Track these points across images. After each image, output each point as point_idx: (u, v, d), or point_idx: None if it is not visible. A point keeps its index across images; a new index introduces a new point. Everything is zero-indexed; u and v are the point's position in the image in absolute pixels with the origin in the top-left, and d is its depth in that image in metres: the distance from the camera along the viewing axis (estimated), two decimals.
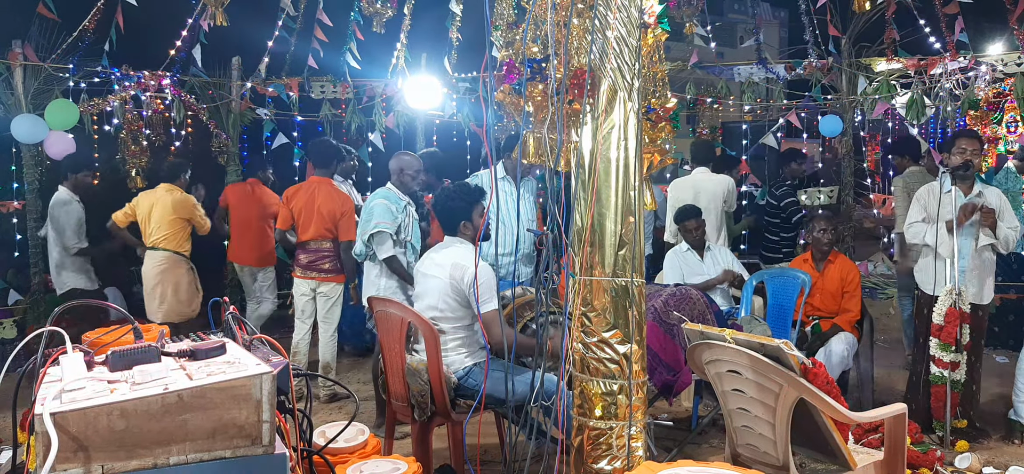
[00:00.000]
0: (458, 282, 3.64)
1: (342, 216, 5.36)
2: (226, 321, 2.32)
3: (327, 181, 5.49)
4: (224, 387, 1.72)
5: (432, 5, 7.82)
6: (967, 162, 4.40)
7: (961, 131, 4.95)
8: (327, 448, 2.70)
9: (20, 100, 6.43)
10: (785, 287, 5.15)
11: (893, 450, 3.09)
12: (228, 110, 7.50)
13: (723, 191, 6.24)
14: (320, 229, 5.36)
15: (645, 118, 3.00)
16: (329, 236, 5.37)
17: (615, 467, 2.75)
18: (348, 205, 5.43)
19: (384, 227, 4.76)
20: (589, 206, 2.71)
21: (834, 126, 7.09)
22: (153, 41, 7.44)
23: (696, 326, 3.26)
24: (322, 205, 5.36)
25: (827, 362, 4.67)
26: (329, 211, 5.34)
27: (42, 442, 1.55)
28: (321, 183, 5.45)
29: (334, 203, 5.37)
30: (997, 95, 7.38)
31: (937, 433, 4.43)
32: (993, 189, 4.59)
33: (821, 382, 2.87)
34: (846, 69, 7.03)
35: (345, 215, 5.36)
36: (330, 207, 5.35)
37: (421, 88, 7.43)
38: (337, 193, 5.45)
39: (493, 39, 3.02)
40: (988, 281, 4.54)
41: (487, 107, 2.83)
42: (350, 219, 5.37)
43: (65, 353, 1.95)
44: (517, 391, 3.38)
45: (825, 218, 5.28)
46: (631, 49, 2.65)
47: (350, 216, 5.38)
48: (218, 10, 5.76)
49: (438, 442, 4.03)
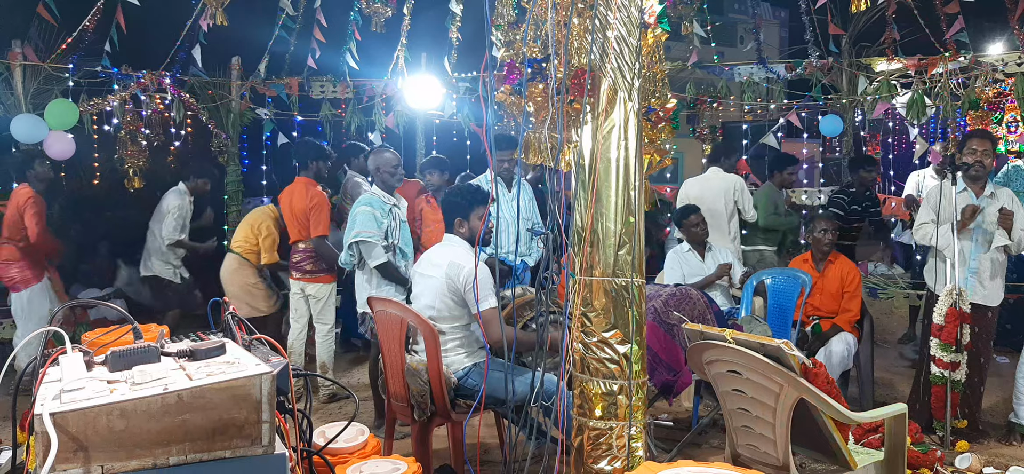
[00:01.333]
0: (454, 281, 3.64)
1: (311, 210, 5.29)
2: (226, 321, 2.32)
3: (303, 180, 5.43)
4: (224, 387, 1.72)
5: (432, 5, 7.81)
6: (977, 162, 4.42)
7: (974, 131, 4.95)
8: (327, 448, 2.69)
9: (20, 100, 6.43)
10: (785, 287, 5.15)
11: (893, 450, 3.09)
12: (228, 110, 7.50)
13: (729, 188, 6.22)
14: (300, 230, 5.35)
15: (645, 118, 3.00)
16: (305, 235, 5.35)
17: (615, 467, 2.75)
18: (317, 199, 5.33)
19: (368, 236, 4.59)
20: (589, 206, 2.71)
21: (834, 126, 7.09)
22: (153, 41, 7.44)
23: (696, 326, 3.26)
24: (296, 205, 5.34)
25: (827, 362, 4.67)
26: (301, 210, 5.31)
27: (42, 442, 1.55)
28: (298, 183, 5.43)
29: (304, 200, 5.32)
30: (997, 95, 7.38)
31: (937, 433, 4.43)
32: (1005, 190, 4.58)
33: (821, 382, 2.87)
34: (846, 69, 7.03)
35: (313, 209, 5.29)
36: (301, 205, 5.32)
37: (421, 88, 7.43)
38: (307, 190, 5.37)
39: (493, 39, 3.02)
40: (997, 282, 4.54)
41: (487, 107, 2.83)
42: (319, 213, 5.29)
43: (65, 353, 1.95)
44: (517, 391, 3.38)
45: (825, 218, 5.28)
46: (631, 49, 2.65)
47: (319, 209, 5.30)
48: (218, 10, 5.75)
49: (438, 442, 4.02)
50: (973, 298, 4.42)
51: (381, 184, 4.80)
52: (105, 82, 7.04)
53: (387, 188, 4.81)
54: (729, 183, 6.28)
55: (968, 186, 4.52)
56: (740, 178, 6.47)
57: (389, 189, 4.82)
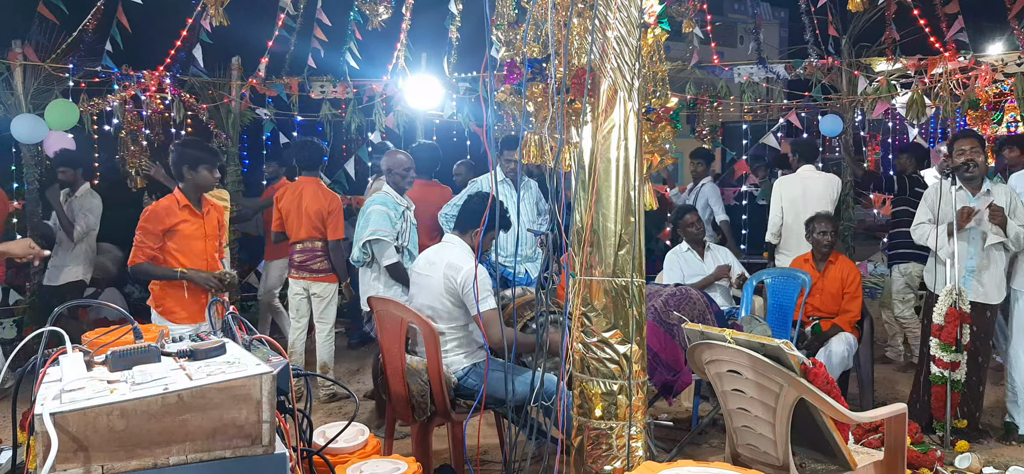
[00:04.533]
0: (452, 282, 3.64)
1: (329, 214, 5.33)
2: (226, 321, 2.32)
3: (313, 180, 5.46)
4: (224, 387, 1.71)
5: (432, 5, 7.81)
6: (968, 162, 4.44)
7: (960, 132, 4.97)
8: (327, 448, 2.69)
9: (20, 100, 6.42)
10: (785, 287, 5.15)
11: (893, 450, 3.09)
12: (228, 110, 7.50)
13: (834, 190, 5.98)
14: (309, 229, 5.35)
15: (645, 118, 3.00)
16: (318, 236, 5.35)
17: (615, 467, 2.75)
18: (335, 203, 5.39)
19: (382, 235, 4.66)
20: (589, 206, 2.71)
21: (834, 126, 7.09)
22: (153, 41, 7.44)
23: (696, 326, 3.26)
24: (309, 205, 5.34)
25: (827, 362, 4.67)
26: (316, 211, 5.33)
27: (42, 442, 1.55)
28: (307, 183, 5.43)
29: (320, 202, 5.34)
30: (997, 95, 7.38)
31: (937, 433, 4.43)
32: (1003, 186, 4.58)
33: (821, 382, 2.87)
34: (846, 69, 7.03)
35: (332, 213, 5.33)
36: (317, 206, 5.33)
37: (421, 88, 7.43)
38: (323, 192, 5.42)
39: (493, 38, 3.02)
40: (996, 281, 4.54)
41: (487, 107, 2.83)
42: (338, 217, 5.34)
43: (65, 353, 1.95)
44: (517, 391, 3.38)
45: (826, 218, 5.28)
46: (631, 49, 2.65)
47: (338, 214, 5.36)
48: (218, 10, 5.75)
49: (438, 442, 4.02)
50: (971, 297, 4.42)
51: (394, 186, 4.84)
52: (105, 82, 7.04)
53: (399, 190, 4.85)
54: (831, 181, 6.01)
55: (963, 186, 4.53)
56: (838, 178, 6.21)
57: (401, 191, 4.85)
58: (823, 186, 5.93)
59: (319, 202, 5.34)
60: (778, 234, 5.89)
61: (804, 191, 5.89)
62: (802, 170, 6.10)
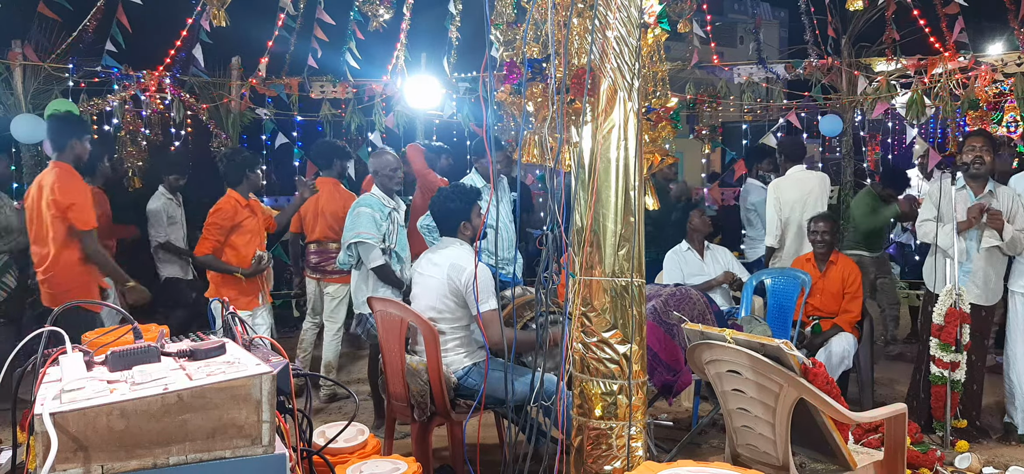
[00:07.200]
0: (456, 282, 3.63)
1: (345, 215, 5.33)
2: (226, 321, 2.32)
3: (330, 181, 5.49)
4: (224, 387, 1.71)
5: (432, 5, 7.81)
6: (977, 158, 4.43)
7: (974, 131, 4.99)
8: (327, 448, 2.69)
9: (20, 100, 6.42)
10: (785, 287, 5.15)
11: (893, 450, 3.09)
12: (228, 110, 7.50)
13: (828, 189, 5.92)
14: (324, 229, 5.37)
15: (645, 118, 3.00)
16: (333, 236, 5.36)
17: (615, 467, 2.75)
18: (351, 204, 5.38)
19: (367, 237, 4.56)
20: (589, 206, 2.71)
21: (834, 126, 7.09)
22: (153, 41, 7.43)
23: (696, 326, 3.26)
24: (326, 206, 5.37)
25: (827, 362, 4.67)
26: (333, 211, 5.35)
27: (42, 442, 1.55)
28: (324, 183, 5.45)
29: (337, 203, 5.36)
30: (997, 95, 7.38)
31: (937, 433, 4.43)
32: (1005, 189, 4.56)
33: (821, 382, 2.87)
34: (846, 69, 7.03)
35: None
36: (334, 207, 5.35)
37: (421, 88, 7.43)
38: (340, 193, 5.45)
39: (493, 38, 3.03)
40: (994, 282, 4.54)
41: (487, 107, 2.83)
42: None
43: (65, 353, 1.95)
44: (517, 391, 3.38)
45: (826, 219, 5.28)
46: (631, 49, 2.65)
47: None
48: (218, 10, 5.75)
49: (438, 442, 4.02)
50: (969, 298, 4.42)
51: (382, 187, 4.77)
52: (105, 82, 7.04)
53: (387, 191, 4.77)
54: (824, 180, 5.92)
55: (968, 184, 4.52)
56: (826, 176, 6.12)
57: (389, 192, 4.78)
58: (818, 185, 5.85)
59: (335, 203, 5.36)
60: (778, 237, 5.85)
61: (802, 192, 5.81)
62: (792, 172, 5.96)
